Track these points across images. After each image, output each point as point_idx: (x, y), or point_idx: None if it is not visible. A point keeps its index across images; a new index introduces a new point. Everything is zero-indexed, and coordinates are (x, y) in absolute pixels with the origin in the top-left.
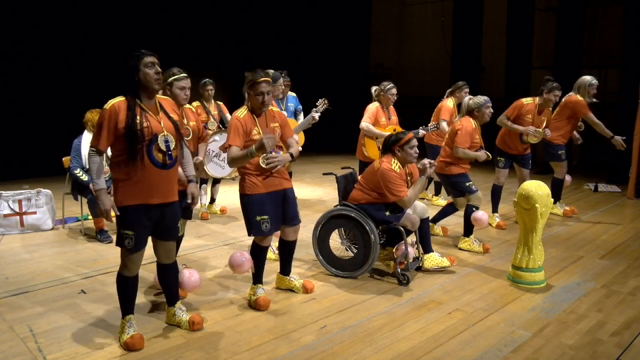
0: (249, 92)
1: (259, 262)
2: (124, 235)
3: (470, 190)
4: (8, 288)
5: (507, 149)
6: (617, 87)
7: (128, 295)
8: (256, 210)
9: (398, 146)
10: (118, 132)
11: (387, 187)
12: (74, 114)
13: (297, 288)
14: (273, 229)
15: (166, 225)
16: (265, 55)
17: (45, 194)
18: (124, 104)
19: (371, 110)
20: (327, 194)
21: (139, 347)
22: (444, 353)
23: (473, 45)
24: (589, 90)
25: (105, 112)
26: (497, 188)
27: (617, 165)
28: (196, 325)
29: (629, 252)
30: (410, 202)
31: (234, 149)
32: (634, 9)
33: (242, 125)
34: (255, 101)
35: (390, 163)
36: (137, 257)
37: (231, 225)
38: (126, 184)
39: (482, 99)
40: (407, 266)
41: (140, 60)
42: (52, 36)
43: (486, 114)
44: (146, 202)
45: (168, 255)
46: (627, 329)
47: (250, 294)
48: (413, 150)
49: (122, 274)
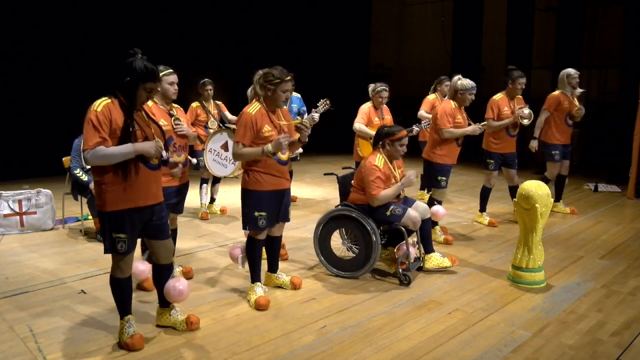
0: (269, 88)
1: (254, 258)
2: (117, 239)
3: (439, 185)
4: (8, 288)
5: (497, 150)
6: (617, 87)
7: (124, 297)
8: (256, 206)
9: (389, 140)
10: (112, 134)
11: (368, 182)
12: (74, 114)
13: (286, 284)
14: (268, 225)
15: (158, 224)
16: (265, 55)
17: (45, 194)
18: (112, 104)
19: (364, 111)
20: (327, 194)
21: (139, 347)
22: (444, 353)
23: (473, 45)
24: (569, 81)
25: (97, 113)
26: (487, 190)
27: (617, 165)
28: (194, 325)
29: (629, 252)
30: (380, 201)
31: (241, 146)
32: (634, 9)
33: (252, 121)
34: (277, 98)
35: (375, 159)
36: (130, 258)
37: (231, 226)
38: (116, 188)
39: (470, 84)
40: (408, 266)
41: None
42: (52, 36)
43: (468, 99)
44: (139, 205)
45: (167, 256)
46: (627, 329)
47: (250, 294)
48: (402, 147)
49: (115, 276)
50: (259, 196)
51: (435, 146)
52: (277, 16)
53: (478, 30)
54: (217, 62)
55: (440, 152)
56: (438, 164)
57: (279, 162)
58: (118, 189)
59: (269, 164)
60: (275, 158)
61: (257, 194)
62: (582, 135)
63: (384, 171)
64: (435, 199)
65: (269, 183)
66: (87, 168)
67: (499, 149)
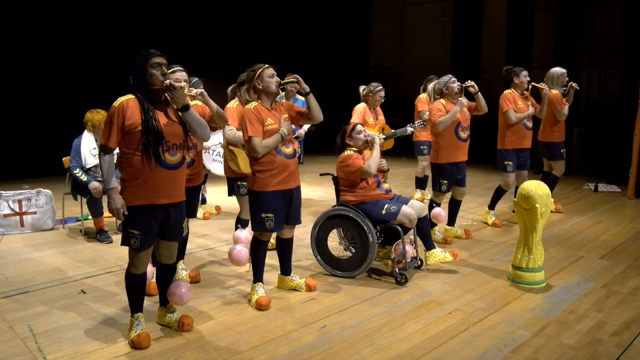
0: (257, 82)
1: (258, 259)
2: (130, 234)
3: (440, 188)
4: (8, 288)
5: (515, 145)
6: (617, 87)
7: (136, 293)
8: (262, 207)
9: (347, 136)
10: (125, 130)
11: (347, 167)
12: (74, 114)
13: (300, 287)
14: (277, 227)
15: (171, 226)
16: (265, 55)
17: (45, 194)
18: (133, 101)
19: (359, 111)
20: (327, 194)
21: (145, 345)
22: (444, 353)
23: (473, 45)
24: (562, 80)
25: (113, 108)
26: (502, 191)
27: (617, 165)
28: (186, 326)
29: (629, 252)
30: (371, 167)
31: (259, 140)
32: (634, 9)
33: (256, 115)
34: (269, 85)
35: (344, 154)
36: (144, 255)
37: (231, 225)
38: (133, 184)
39: (446, 77)
40: (405, 265)
41: (147, 61)
42: (52, 36)
43: (455, 87)
44: (153, 203)
45: (170, 255)
46: (627, 329)
47: (251, 294)
48: (361, 134)
49: (130, 271)
50: (264, 197)
51: (437, 149)
52: (277, 16)
53: (478, 30)
54: (217, 63)
55: (440, 152)
56: (441, 164)
57: (285, 157)
58: (134, 185)
59: (276, 161)
60: (280, 153)
61: (262, 195)
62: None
63: (356, 155)
64: (434, 201)
65: (274, 183)
66: (87, 168)
67: (519, 144)
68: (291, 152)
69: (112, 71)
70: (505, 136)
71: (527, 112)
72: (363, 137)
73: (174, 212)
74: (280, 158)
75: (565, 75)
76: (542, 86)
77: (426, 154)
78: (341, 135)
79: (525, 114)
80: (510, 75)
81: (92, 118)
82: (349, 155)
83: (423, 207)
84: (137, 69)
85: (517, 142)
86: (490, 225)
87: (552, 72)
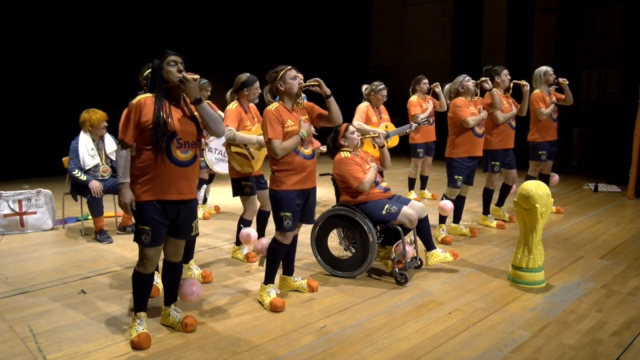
0: (280, 84)
1: (275, 261)
2: (142, 230)
3: (454, 184)
4: (8, 288)
5: (501, 146)
6: (617, 87)
7: (142, 293)
8: (280, 206)
9: (341, 137)
10: (141, 126)
11: (347, 173)
12: (74, 114)
13: (303, 288)
14: (294, 226)
15: (180, 223)
16: (265, 55)
17: (45, 194)
18: (150, 99)
19: (362, 109)
20: (327, 194)
21: (145, 346)
22: (444, 353)
23: (473, 45)
24: (547, 78)
25: (131, 106)
26: (490, 192)
27: (617, 165)
28: (189, 327)
29: (629, 252)
30: (366, 187)
31: (279, 142)
32: (634, 9)
33: (277, 116)
34: (291, 87)
35: (341, 157)
36: (153, 252)
37: (231, 225)
38: (143, 179)
39: (460, 77)
40: (405, 265)
41: (163, 59)
42: (52, 36)
43: (470, 85)
44: (161, 198)
45: (176, 253)
46: (627, 329)
47: (263, 295)
48: (354, 134)
49: (138, 270)
50: (283, 196)
51: (451, 145)
52: (277, 16)
53: (478, 30)
54: (217, 63)
55: (456, 146)
56: (455, 159)
57: (304, 157)
58: (144, 181)
59: (295, 162)
60: (299, 154)
61: (281, 194)
62: (582, 135)
63: (354, 159)
64: (445, 195)
65: (293, 183)
66: (86, 169)
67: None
68: (310, 152)
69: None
70: (492, 136)
71: (512, 112)
72: (357, 136)
73: (184, 210)
74: (299, 158)
75: (549, 72)
76: (524, 83)
77: (421, 157)
78: (333, 136)
79: (510, 113)
80: (492, 74)
81: (90, 117)
82: (346, 158)
83: (423, 208)
84: (154, 68)
85: (503, 142)
86: (495, 227)
87: (536, 72)
